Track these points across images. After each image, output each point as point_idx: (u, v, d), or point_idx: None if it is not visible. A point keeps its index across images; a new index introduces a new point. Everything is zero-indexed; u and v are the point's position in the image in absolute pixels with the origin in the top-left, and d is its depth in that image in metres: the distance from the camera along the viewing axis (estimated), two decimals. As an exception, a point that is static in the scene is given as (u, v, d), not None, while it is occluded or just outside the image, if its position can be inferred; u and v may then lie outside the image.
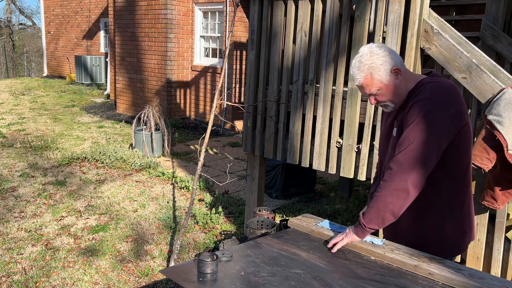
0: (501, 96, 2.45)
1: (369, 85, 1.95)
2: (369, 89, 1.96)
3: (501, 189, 2.52)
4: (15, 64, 27.59)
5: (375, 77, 1.93)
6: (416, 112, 1.86)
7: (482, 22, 4.05)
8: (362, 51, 1.96)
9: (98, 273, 3.67)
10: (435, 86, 1.90)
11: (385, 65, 1.92)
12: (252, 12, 3.78)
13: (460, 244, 2.04)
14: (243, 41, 8.77)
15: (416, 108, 1.87)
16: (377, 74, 1.92)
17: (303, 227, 2.21)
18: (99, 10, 14.70)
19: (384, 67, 1.92)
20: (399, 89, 1.97)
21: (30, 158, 6.67)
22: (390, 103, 2.00)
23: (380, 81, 1.93)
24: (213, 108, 3.71)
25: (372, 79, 1.93)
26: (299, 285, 1.69)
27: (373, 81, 1.93)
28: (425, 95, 1.88)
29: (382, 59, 1.92)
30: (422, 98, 1.87)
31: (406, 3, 2.91)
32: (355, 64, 1.96)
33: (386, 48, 1.95)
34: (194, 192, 3.78)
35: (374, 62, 1.91)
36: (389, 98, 1.98)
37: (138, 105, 10.03)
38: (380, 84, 1.94)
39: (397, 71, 1.94)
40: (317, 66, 3.48)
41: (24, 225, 4.46)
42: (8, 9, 29.51)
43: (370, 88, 1.96)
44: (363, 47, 1.99)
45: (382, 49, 1.94)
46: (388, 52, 1.94)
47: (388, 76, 1.93)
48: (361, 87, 1.98)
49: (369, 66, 1.92)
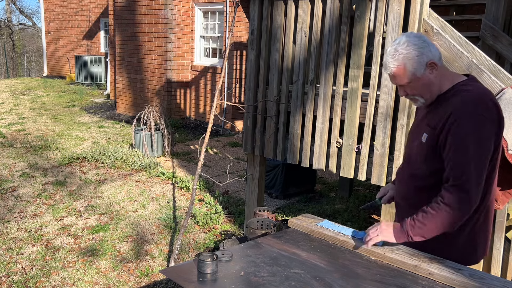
0: (501, 96, 2.45)
1: (401, 76, 1.86)
2: (400, 80, 1.88)
3: (501, 189, 2.52)
4: (15, 64, 27.59)
5: (408, 68, 1.84)
6: (465, 131, 1.76)
7: (482, 22, 4.06)
8: (399, 39, 1.86)
9: (98, 273, 3.67)
10: (476, 96, 1.80)
11: (421, 57, 1.83)
12: (252, 12, 3.78)
13: (468, 258, 1.96)
14: (243, 41, 8.77)
15: (464, 126, 1.76)
16: (411, 65, 1.83)
17: (303, 227, 2.21)
18: (99, 10, 14.70)
19: (419, 59, 1.83)
20: (433, 85, 1.88)
21: (30, 158, 6.67)
22: (420, 98, 1.92)
23: (413, 73, 1.84)
24: (213, 108, 3.71)
25: (405, 70, 1.84)
26: (299, 285, 1.69)
27: (406, 72, 1.85)
28: (468, 108, 1.77)
29: (420, 50, 1.83)
30: (465, 111, 1.77)
31: (406, 3, 2.91)
32: (389, 52, 1.86)
33: (425, 39, 1.86)
34: (194, 192, 3.78)
35: (410, 52, 1.82)
36: (420, 92, 1.90)
37: (138, 105, 10.03)
38: (412, 77, 1.85)
39: (433, 66, 1.85)
40: (317, 66, 3.48)
41: (24, 225, 4.46)
42: (8, 9, 29.53)
43: (401, 79, 1.87)
44: (402, 35, 1.89)
45: (420, 39, 1.85)
46: (426, 44, 1.84)
47: (423, 70, 1.84)
48: (393, 77, 1.90)
49: (404, 56, 1.83)
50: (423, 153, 1.92)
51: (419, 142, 1.94)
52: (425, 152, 1.91)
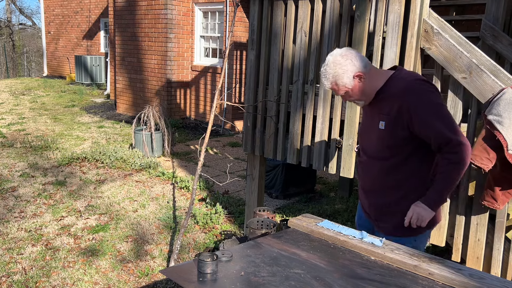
0: (501, 96, 2.45)
1: (336, 90, 2.22)
2: (338, 92, 2.23)
3: (501, 189, 2.52)
4: (15, 64, 27.59)
5: (339, 84, 2.18)
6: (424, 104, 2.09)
7: (482, 22, 4.05)
8: (327, 60, 2.19)
9: (98, 273, 3.67)
10: (413, 77, 2.19)
11: (347, 73, 2.15)
12: (252, 12, 3.78)
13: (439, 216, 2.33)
14: (243, 41, 8.77)
15: (420, 102, 2.10)
16: (340, 81, 2.17)
17: (303, 227, 2.21)
18: (99, 10, 14.70)
19: (346, 75, 2.15)
20: (365, 89, 2.21)
21: (30, 158, 6.67)
22: (359, 101, 2.27)
23: (344, 86, 2.18)
24: (213, 108, 3.71)
25: (338, 85, 2.19)
26: (299, 285, 1.69)
27: (339, 87, 2.19)
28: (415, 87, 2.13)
29: (344, 68, 2.14)
30: (414, 91, 2.12)
31: (406, 3, 2.91)
32: (322, 72, 2.20)
33: (349, 55, 2.16)
34: (194, 192, 3.78)
35: (336, 71, 2.15)
36: (357, 97, 2.24)
37: (138, 105, 10.03)
38: (345, 89, 2.19)
39: (360, 76, 2.16)
40: (317, 66, 3.48)
41: (24, 225, 4.46)
42: (8, 9, 29.52)
43: (337, 91, 2.23)
44: (329, 55, 2.21)
45: (344, 57, 2.15)
46: (350, 60, 2.14)
47: (352, 81, 2.17)
48: (332, 90, 2.25)
49: (332, 75, 2.17)
50: (385, 137, 2.21)
51: (377, 130, 2.23)
52: (384, 137, 2.21)
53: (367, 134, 2.35)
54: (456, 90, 2.81)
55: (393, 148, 2.21)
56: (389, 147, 2.22)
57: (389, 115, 2.18)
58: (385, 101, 2.20)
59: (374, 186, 2.34)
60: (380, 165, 2.27)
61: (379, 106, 2.24)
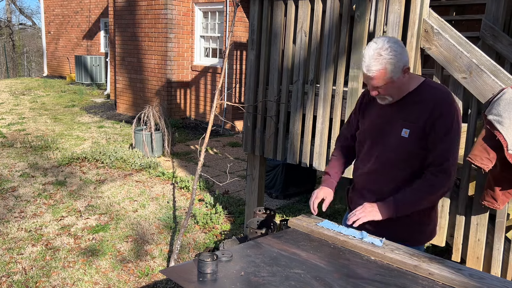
0: (501, 96, 2.45)
1: (380, 78, 1.96)
2: (378, 82, 1.98)
3: (501, 189, 2.52)
4: (15, 64, 27.59)
5: (388, 72, 1.94)
6: (449, 122, 1.99)
7: (482, 22, 4.05)
8: (381, 43, 1.94)
9: (98, 273, 3.67)
10: (449, 93, 2.05)
11: (400, 62, 1.94)
12: (252, 12, 3.78)
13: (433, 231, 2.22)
14: (243, 41, 8.77)
15: (447, 118, 1.99)
16: (391, 70, 1.94)
17: (303, 227, 2.21)
18: (99, 10, 14.70)
19: (399, 64, 1.94)
20: (404, 86, 2.03)
21: (30, 158, 6.67)
22: (389, 97, 2.05)
23: (391, 77, 1.96)
24: (213, 108, 3.71)
25: (386, 74, 1.94)
26: (299, 285, 1.69)
27: (385, 76, 1.95)
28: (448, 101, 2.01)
29: (399, 56, 1.94)
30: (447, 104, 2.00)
31: (406, 3, 2.91)
32: (372, 55, 1.93)
33: (402, 45, 1.98)
34: (194, 192, 3.78)
35: (392, 57, 1.92)
36: (391, 93, 2.03)
37: (138, 105, 10.03)
38: (389, 80, 1.96)
39: (407, 70, 1.99)
40: (317, 66, 3.48)
41: (24, 225, 4.46)
42: (8, 9, 29.52)
43: (378, 81, 1.97)
44: (381, 37, 1.98)
45: (400, 45, 1.96)
46: (404, 50, 1.96)
47: (399, 74, 1.97)
48: (370, 78, 1.98)
49: (387, 61, 1.92)
50: (405, 147, 2.06)
51: (399, 138, 2.07)
52: (407, 146, 2.05)
53: (381, 139, 2.14)
54: (456, 90, 2.81)
55: (414, 157, 2.06)
56: (411, 156, 2.07)
57: (415, 124, 2.02)
58: (413, 106, 2.05)
59: (381, 193, 2.16)
60: (395, 174, 2.12)
61: (404, 111, 2.07)
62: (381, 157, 2.14)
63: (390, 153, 2.11)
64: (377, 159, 2.16)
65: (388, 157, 2.12)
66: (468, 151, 2.73)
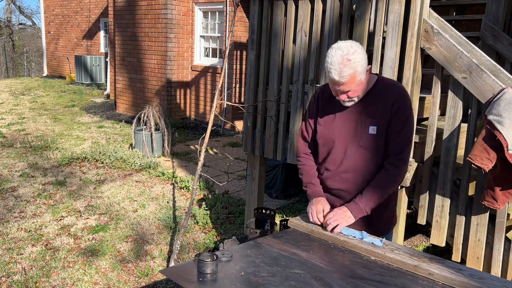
0: (501, 96, 2.45)
1: (351, 82, 1.98)
2: (349, 86, 2.00)
3: (501, 189, 2.52)
4: (15, 64, 27.59)
5: (358, 75, 1.98)
6: (406, 114, 2.10)
7: (482, 22, 4.05)
8: (346, 48, 1.96)
9: (98, 273, 3.67)
10: (403, 87, 2.18)
11: (364, 63, 2.00)
12: (252, 12, 3.78)
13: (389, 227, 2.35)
14: (243, 41, 8.76)
15: (405, 110, 2.09)
16: (359, 72, 1.98)
17: (303, 227, 2.20)
18: (99, 10, 14.70)
19: (364, 65, 1.99)
20: (367, 85, 2.10)
21: (30, 158, 6.67)
22: (356, 99, 2.09)
23: (360, 79, 2.00)
24: (213, 108, 3.71)
25: (355, 76, 1.97)
26: (299, 285, 1.69)
27: (356, 79, 1.98)
28: (405, 95, 2.12)
29: (364, 57, 1.99)
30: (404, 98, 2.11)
31: (406, 3, 2.91)
32: (341, 61, 1.94)
33: (361, 46, 2.03)
34: (194, 192, 3.78)
35: (360, 60, 1.96)
36: (358, 94, 2.07)
37: (138, 105, 10.03)
38: (358, 82, 2.00)
39: (369, 70, 2.06)
40: (317, 66, 3.48)
41: (24, 225, 4.46)
42: (8, 9, 29.52)
43: (349, 85, 2.00)
44: (341, 43, 2.00)
45: (359, 47, 2.00)
46: (363, 50, 2.02)
47: (364, 74, 2.02)
48: (341, 84, 1.99)
49: (356, 64, 1.95)
50: (374, 143, 2.12)
51: (367, 135, 2.12)
52: (376, 142, 2.12)
53: (350, 138, 2.16)
54: (456, 90, 2.81)
55: (381, 151, 2.13)
56: (379, 151, 2.13)
57: (380, 119, 2.09)
58: (374, 103, 2.11)
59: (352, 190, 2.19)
60: (367, 170, 2.15)
61: (366, 109, 2.12)
62: (353, 156, 2.16)
63: (361, 151, 2.14)
64: (349, 159, 2.17)
65: (360, 155, 2.15)
66: (468, 151, 2.73)
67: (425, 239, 4.51)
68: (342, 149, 2.19)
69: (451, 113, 2.84)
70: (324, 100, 2.24)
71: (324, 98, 2.25)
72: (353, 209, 2.11)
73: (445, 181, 2.88)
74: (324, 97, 2.25)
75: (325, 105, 2.24)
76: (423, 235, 4.60)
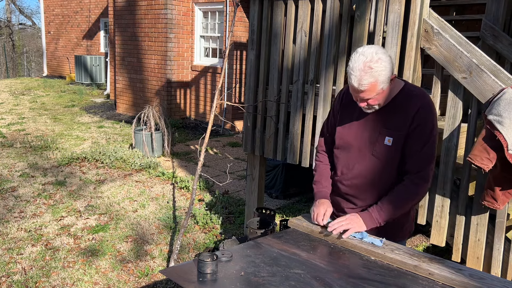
0: (502, 96, 2.45)
1: (371, 91, 1.92)
2: (369, 94, 1.93)
3: (501, 189, 2.52)
4: (15, 64, 27.58)
5: (379, 84, 1.90)
6: (429, 130, 2.01)
7: (482, 22, 4.05)
8: (369, 55, 1.89)
9: (98, 273, 3.67)
10: (429, 100, 2.05)
11: (388, 72, 1.91)
12: (252, 12, 3.78)
13: (411, 228, 2.32)
14: (243, 41, 8.76)
15: (428, 126, 2.01)
16: (381, 81, 1.90)
17: (303, 227, 2.20)
18: (99, 10, 14.70)
19: (388, 75, 1.91)
20: (390, 94, 2.02)
21: (30, 158, 6.66)
22: (377, 106, 2.02)
23: (381, 88, 1.92)
24: (213, 108, 3.71)
25: (376, 86, 1.90)
26: (299, 285, 1.69)
27: (376, 88, 1.91)
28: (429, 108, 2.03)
29: (389, 66, 1.91)
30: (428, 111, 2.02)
31: (406, 3, 2.91)
32: (362, 68, 1.88)
33: (387, 53, 1.95)
34: (194, 192, 3.78)
35: (383, 69, 1.88)
36: (379, 102, 1.99)
37: (138, 105, 10.03)
38: (379, 91, 1.93)
39: (393, 79, 1.97)
40: (317, 66, 3.48)
41: (24, 225, 4.46)
42: (8, 9, 29.52)
43: (369, 94, 1.93)
44: (366, 48, 1.92)
45: (385, 55, 1.92)
46: (389, 57, 1.93)
47: (387, 83, 1.94)
48: (360, 92, 1.93)
49: (378, 73, 1.88)
50: (388, 155, 2.07)
51: (382, 146, 2.07)
52: (391, 154, 2.06)
53: (364, 146, 2.12)
54: (456, 90, 2.81)
55: (395, 164, 2.08)
56: (393, 163, 2.08)
57: (398, 132, 2.02)
58: (395, 114, 2.04)
59: (364, 198, 2.18)
60: (378, 181, 2.12)
61: (386, 119, 2.05)
62: (364, 163, 2.14)
63: (374, 160, 2.10)
64: (361, 166, 2.15)
65: (372, 164, 2.11)
66: (468, 151, 2.72)
67: (425, 239, 4.51)
68: (355, 154, 2.16)
69: (451, 113, 2.84)
70: (347, 101, 2.20)
71: (347, 98, 2.20)
72: (366, 217, 2.07)
73: (445, 181, 2.88)
74: (347, 98, 2.19)
75: (346, 106, 2.20)
76: (423, 235, 4.60)
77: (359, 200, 2.20)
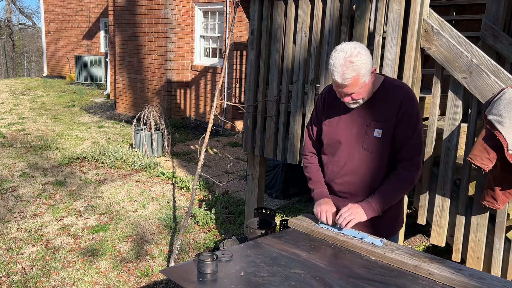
0: (501, 96, 2.45)
1: (354, 85, 1.97)
2: (352, 89, 1.98)
3: (502, 189, 2.52)
4: (15, 64, 27.59)
5: (361, 77, 1.96)
6: (415, 119, 2.08)
7: (482, 22, 4.05)
8: (349, 50, 1.94)
9: (98, 273, 3.67)
10: (410, 89, 2.14)
11: (369, 65, 1.96)
12: (252, 12, 3.78)
13: (394, 229, 2.33)
14: (243, 41, 8.76)
15: (413, 115, 2.08)
16: (363, 74, 1.95)
17: (303, 227, 2.20)
18: (99, 10, 14.70)
19: (368, 68, 1.96)
20: (372, 87, 2.07)
21: (30, 158, 6.67)
22: (361, 100, 2.06)
23: (364, 81, 1.98)
24: (213, 108, 3.71)
25: (359, 79, 1.95)
26: (299, 285, 1.69)
27: (359, 81, 1.96)
28: (413, 98, 2.10)
29: (368, 59, 1.96)
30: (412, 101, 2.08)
31: (406, 3, 2.91)
32: (343, 63, 1.93)
33: (365, 47, 2.01)
34: (194, 192, 3.78)
35: (364, 62, 1.94)
36: (363, 96, 2.04)
37: (138, 105, 10.03)
38: (362, 84, 1.98)
39: (374, 71, 2.03)
40: (317, 66, 3.48)
41: (24, 225, 4.46)
42: (8, 9, 29.52)
43: (353, 88, 1.98)
44: (345, 45, 1.97)
45: (364, 49, 1.97)
46: (368, 51, 1.99)
47: (369, 77, 1.99)
48: (344, 86, 1.98)
49: (359, 67, 1.93)
50: (379, 147, 2.11)
51: (372, 138, 2.11)
52: (381, 146, 2.11)
53: (355, 141, 2.15)
54: (456, 90, 2.81)
55: (386, 155, 2.12)
56: (384, 155, 2.12)
57: (385, 123, 2.08)
58: (380, 106, 2.09)
59: (358, 193, 2.20)
60: (371, 173, 2.15)
61: (372, 112, 2.10)
62: (356, 159, 2.16)
63: (365, 154, 2.13)
64: (351, 162, 2.17)
65: (364, 158, 2.14)
66: (468, 151, 2.73)
67: (425, 239, 4.51)
68: (345, 152, 2.18)
69: (451, 113, 2.84)
70: (330, 100, 2.23)
71: (330, 97, 2.23)
72: (366, 207, 2.10)
73: (445, 181, 2.88)
74: (331, 97, 2.23)
75: (331, 105, 2.23)
76: (423, 235, 4.60)
77: (353, 197, 2.21)
